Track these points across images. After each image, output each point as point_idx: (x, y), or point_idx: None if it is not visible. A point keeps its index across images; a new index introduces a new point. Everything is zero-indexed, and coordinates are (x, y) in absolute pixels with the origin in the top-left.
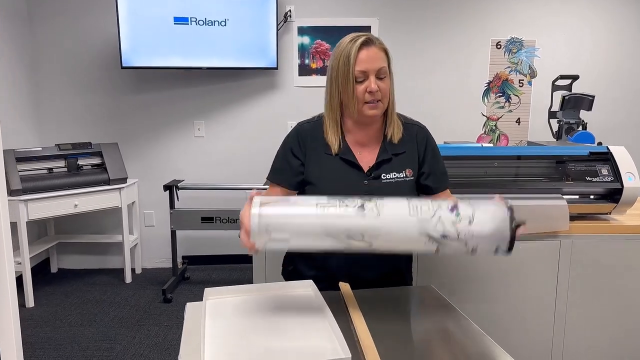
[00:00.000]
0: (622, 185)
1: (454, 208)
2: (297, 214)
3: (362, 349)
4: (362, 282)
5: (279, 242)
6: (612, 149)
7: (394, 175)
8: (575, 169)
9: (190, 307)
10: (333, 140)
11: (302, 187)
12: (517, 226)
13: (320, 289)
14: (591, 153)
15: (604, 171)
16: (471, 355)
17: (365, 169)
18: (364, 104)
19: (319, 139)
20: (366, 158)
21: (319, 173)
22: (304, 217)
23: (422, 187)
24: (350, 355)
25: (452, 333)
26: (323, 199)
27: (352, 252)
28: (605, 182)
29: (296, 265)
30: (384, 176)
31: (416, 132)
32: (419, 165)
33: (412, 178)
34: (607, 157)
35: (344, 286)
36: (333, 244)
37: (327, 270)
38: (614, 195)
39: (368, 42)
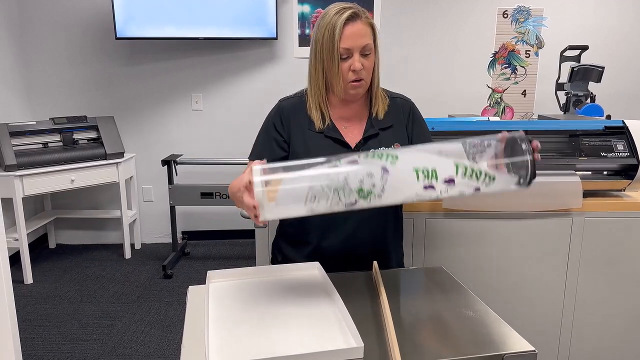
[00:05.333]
0: (638, 161)
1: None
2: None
3: (389, 339)
4: (353, 265)
5: (285, 211)
6: (629, 123)
7: (383, 150)
8: (590, 144)
9: (192, 290)
10: (317, 117)
11: None
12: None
13: None
14: (606, 127)
15: (620, 146)
16: (488, 342)
17: (352, 145)
18: (347, 82)
19: (302, 116)
20: (352, 133)
21: (306, 151)
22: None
23: None
24: (362, 345)
25: (468, 318)
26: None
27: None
28: (621, 157)
29: (285, 254)
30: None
31: (401, 106)
32: (409, 140)
33: None
34: (622, 132)
35: (375, 266)
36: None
37: (320, 256)
38: (629, 171)
39: (353, 17)
